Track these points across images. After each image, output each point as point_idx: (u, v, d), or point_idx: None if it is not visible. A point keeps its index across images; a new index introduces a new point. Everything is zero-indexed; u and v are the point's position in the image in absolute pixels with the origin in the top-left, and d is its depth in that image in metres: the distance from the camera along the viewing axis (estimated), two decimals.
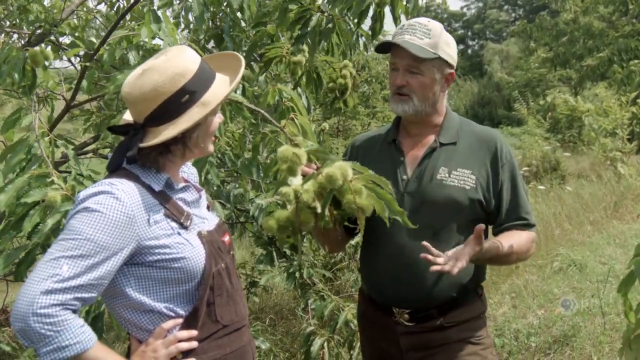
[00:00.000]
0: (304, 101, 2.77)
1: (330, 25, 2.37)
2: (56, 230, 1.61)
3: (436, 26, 1.77)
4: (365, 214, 1.42)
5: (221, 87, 1.43)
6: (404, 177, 1.80)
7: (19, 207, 1.67)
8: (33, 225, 1.64)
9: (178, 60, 1.36)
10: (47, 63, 2.36)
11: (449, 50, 1.77)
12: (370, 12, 2.37)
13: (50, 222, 1.59)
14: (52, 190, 1.67)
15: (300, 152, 1.50)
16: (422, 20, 1.79)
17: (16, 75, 2.26)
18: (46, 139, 1.92)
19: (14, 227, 1.67)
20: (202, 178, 2.12)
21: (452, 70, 1.80)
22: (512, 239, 1.74)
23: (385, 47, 1.80)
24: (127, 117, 1.46)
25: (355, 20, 2.44)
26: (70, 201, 1.64)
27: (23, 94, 2.91)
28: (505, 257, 1.73)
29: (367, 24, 2.49)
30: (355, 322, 2.80)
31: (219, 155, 2.53)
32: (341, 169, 1.42)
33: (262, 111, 2.14)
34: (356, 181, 1.43)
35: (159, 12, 2.35)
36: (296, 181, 1.48)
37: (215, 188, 3.02)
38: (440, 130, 1.84)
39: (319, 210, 1.41)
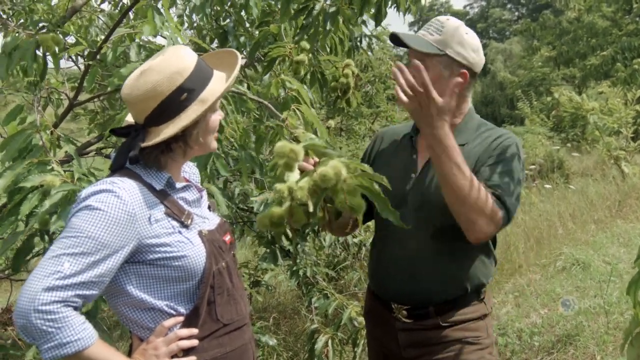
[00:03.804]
0: (311, 96, 2.76)
1: (334, 9, 2.37)
2: (54, 213, 1.59)
3: (451, 24, 1.74)
4: (357, 214, 1.40)
5: (219, 83, 1.44)
6: (412, 175, 1.81)
7: (16, 193, 1.65)
8: (31, 208, 1.61)
9: (175, 60, 1.37)
10: (57, 50, 2.34)
11: (462, 50, 1.73)
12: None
13: (47, 203, 1.56)
14: (50, 175, 1.65)
15: (297, 148, 1.49)
16: (442, 18, 1.77)
17: (27, 63, 2.22)
18: (48, 131, 1.91)
19: (11, 212, 1.64)
20: (208, 172, 2.11)
21: (464, 70, 1.74)
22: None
23: (398, 39, 1.78)
24: (129, 119, 1.48)
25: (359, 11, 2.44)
26: (69, 184, 1.63)
27: (29, 88, 2.90)
28: (452, 172, 1.56)
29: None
30: (359, 319, 2.82)
31: (222, 155, 2.53)
32: (334, 168, 1.41)
33: (266, 102, 2.13)
34: (350, 180, 1.42)
35: (162, 9, 2.35)
36: (293, 177, 1.48)
37: (220, 183, 3.03)
38: (454, 131, 1.81)
39: (311, 209, 1.41)
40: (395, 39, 1.78)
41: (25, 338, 1.20)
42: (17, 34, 2.30)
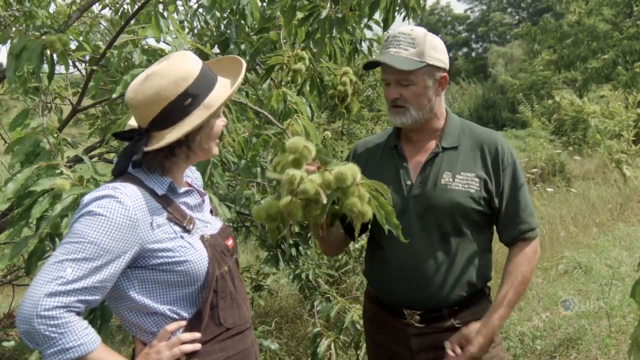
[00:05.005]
0: (309, 111, 2.77)
1: (340, 15, 2.38)
2: (65, 217, 1.60)
3: (420, 33, 1.75)
4: (364, 220, 1.41)
5: (223, 89, 1.45)
6: (408, 182, 1.81)
7: (26, 197, 1.66)
8: (42, 211, 1.61)
9: (180, 65, 1.38)
10: (64, 50, 2.34)
11: (437, 54, 1.76)
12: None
13: (59, 207, 1.56)
14: (60, 179, 1.66)
15: (311, 146, 1.48)
16: (405, 29, 1.78)
17: (35, 64, 2.22)
18: (55, 135, 1.92)
19: (22, 216, 1.64)
20: (206, 179, 2.13)
21: (444, 73, 1.80)
22: (514, 279, 1.82)
23: (375, 64, 1.79)
24: (132, 122, 1.48)
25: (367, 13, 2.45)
26: (79, 187, 1.63)
27: (33, 93, 2.91)
28: (519, 297, 1.85)
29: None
30: (362, 322, 2.81)
31: (223, 159, 2.54)
32: (352, 170, 1.42)
33: (266, 113, 2.14)
34: (361, 186, 1.43)
35: (165, 14, 2.36)
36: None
37: (220, 191, 3.03)
38: (442, 134, 1.84)
39: (324, 200, 1.40)
40: (372, 64, 1.79)
41: (29, 343, 1.20)
42: (23, 35, 2.31)
